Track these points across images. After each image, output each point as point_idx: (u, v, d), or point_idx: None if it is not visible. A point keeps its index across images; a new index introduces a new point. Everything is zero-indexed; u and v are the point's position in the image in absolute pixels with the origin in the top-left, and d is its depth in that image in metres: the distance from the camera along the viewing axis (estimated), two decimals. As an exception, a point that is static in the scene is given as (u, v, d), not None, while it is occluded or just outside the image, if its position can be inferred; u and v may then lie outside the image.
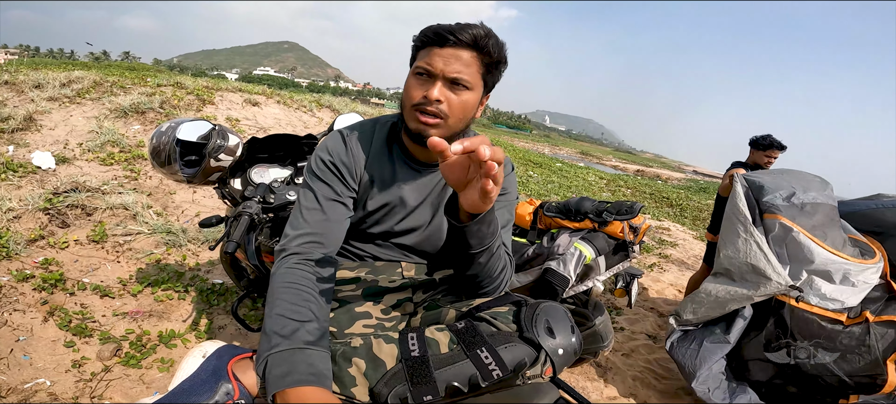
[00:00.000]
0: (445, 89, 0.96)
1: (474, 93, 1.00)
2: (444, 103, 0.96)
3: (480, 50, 0.97)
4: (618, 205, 2.14)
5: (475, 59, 0.97)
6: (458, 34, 0.94)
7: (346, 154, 1.06)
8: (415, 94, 0.98)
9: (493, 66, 1.00)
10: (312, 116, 6.87)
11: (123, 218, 3.04)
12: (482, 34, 0.95)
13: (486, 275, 0.99)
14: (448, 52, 0.95)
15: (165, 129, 1.57)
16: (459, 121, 1.00)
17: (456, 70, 0.95)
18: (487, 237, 0.91)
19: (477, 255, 0.93)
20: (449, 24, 0.96)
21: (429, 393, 0.82)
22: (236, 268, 1.94)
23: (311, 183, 1.05)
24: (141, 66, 17.64)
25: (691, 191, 14.90)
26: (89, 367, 1.78)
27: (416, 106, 0.98)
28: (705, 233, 3.50)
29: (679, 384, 2.50)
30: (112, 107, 4.98)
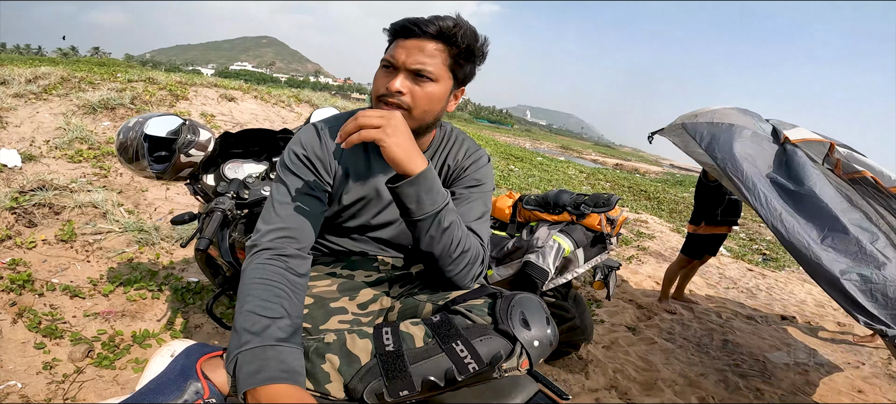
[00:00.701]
0: (408, 81, 0.96)
1: (440, 85, 0.99)
2: (407, 95, 0.96)
3: (447, 41, 0.96)
4: (595, 198, 2.16)
5: (441, 51, 0.96)
6: (423, 26, 0.94)
7: (320, 147, 1.05)
8: (379, 85, 0.98)
9: (462, 57, 0.99)
10: (291, 111, 6.78)
11: (93, 216, 2.96)
12: (450, 25, 0.95)
13: (443, 250, 0.97)
14: (412, 43, 0.95)
15: (133, 125, 1.53)
16: (425, 112, 0.99)
17: (418, 61, 0.94)
18: (427, 203, 0.92)
19: (420, 223, 0.93)
20: (418, 18, 0.95)
21: (405, 388, 0.81)
22: (211, 265, 1.91)
23: (283, 177, 1.03)
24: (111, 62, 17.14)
25: (668, 184, 15.18)
26: (61, 369, 1.75)
27: (381, 97, 0.97)
28: (687, 225, 3.57)
29: (658, 375, 2.55)
30: (80, 104, 4.84)
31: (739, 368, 2.81)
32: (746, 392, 2.53)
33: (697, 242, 3.48)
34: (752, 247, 6.83)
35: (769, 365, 2.88)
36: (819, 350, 3.28)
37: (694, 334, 3.23)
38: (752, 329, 3.49)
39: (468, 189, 1.12)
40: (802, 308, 4.23)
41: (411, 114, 0.98)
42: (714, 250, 3.54)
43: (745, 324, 3.56)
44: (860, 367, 3.06)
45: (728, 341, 3.19)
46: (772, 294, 4.54)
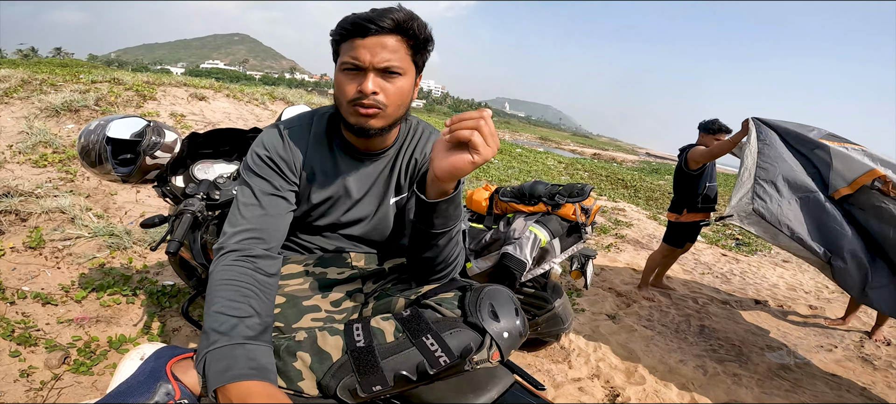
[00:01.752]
0: (379, 79, 0.95)
1: (407, 78, 0.99)
2: (381, 93, 0.95)
3: (405, 33, 0.95)
4: (569, 188, 2.18)
5: (401, 44, 0.96)
6: (378, 21, 0.92)
7: (284, 148, 1.04)
8: (348, 89, 0.96)
9: (420, 46, 0.99)
10: (265, 109, 6.66)
11: (61, 222, 2.87)
12: (404, 17, 0.94)
13: (442, 260, 1.00)
14: (372, 41, 0.93)
15: (94, 128, 1.48)
16: (398, 108, 1.00)
17: (385, 59, 0.93)
18: (451, 219, 0.93)
19: (438, 236, 0.95)
20: (367, 13, 0.94)
21: (377, 383, 0.81)
22: (186, 267, 1.88)
23: (248, 179, 1.02)
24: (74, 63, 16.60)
25: (644, 173, 15.43)
26: (38, 376, 1.74)
27: (353, 101, 0.96)
28: (668, 214, 3.63)
29: (639, 362, 2.59)
30: (43, 106, 4.68)
31: (716, 353, 2.87)
32: (724, 377, 2.58)
33: (679, 230, 3.54)
34: (726, 233, 6.99)
35: (745, 350, 2.95)
36: (792, 333, 3.38)
37: (672, 320, 3.29)
38: (727, 314, 3.57)
39: None
40: (775, 291, 4.35)
41: (386, 112, 0.97)
42: (694, 237, 3.61)
43: (720, 309, 3.64)
44: (833, 350, 3.14)
45: (705, 327, 3.25)
46: (745, 278, 4.65)
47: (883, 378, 2.82)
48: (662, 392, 2.34)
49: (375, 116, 0.97)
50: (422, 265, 1.03)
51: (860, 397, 2.55)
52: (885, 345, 3.28)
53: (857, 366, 2.95)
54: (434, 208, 0.91)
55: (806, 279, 4.89)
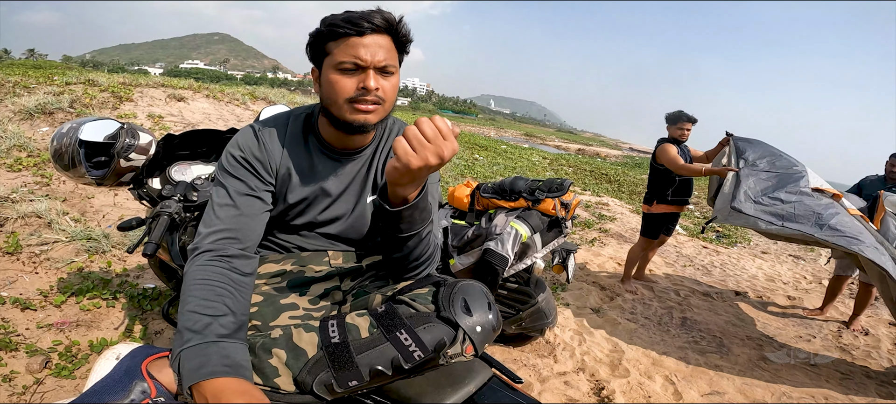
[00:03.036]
0: (378, 77, 0.97)
1: (397, 76, 1.03)
2: (380, 90, 0.98)
3: (395, 34, 0.99)
4: (549, 183, 2.20)
5: (392, 43, 1.00)
6: (373, 20, 0.95)
7: (259, 148, 1.04)
8: (347, 87, 0.97)
9: (403, 46, 1.03)
10: (246, 109, 6.59)
11: (38, 226, 2.82)
12: (393, 17, 0.98)
13: (414, 259, 1.00)
14: (370, 40, 0.95)
15: (67, 131, 1.46)
16: (392, 103, 1.04)
17: (383, 58, 0.97)
18: (417, 222, 0.93)
19: (406, 239, 0.95)
20: (359, 12, 0.96)
21: (353, 379, 0.82)
22: (166, 269, 1.86)
23: (223, 180, 1.02)
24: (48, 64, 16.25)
25: (628, 167, 15.61)
26: (20, 380, 1.72)
27: (353, 99, 0.97)
28: (642, 206, 3.69)
29: (623, 355, 2.63)
30: (16, 109, 4.58)
31: (698, 345, 2.92)
32: (706, 368, 2.62)
33: (652, 222, 3.59)
34: (707, 225, 7.11)
35: (726, 342, 3.00)
36: (771, 323, 3.44)
37: (655, 313, 3.34)
38: (708, 305, 3.63)
39: None
40: (754, 283, 4.43)
41: (383, 106, 1.01)
42: (668, 230, 3.67)
43: (701, 301, 3.70)
44: (812, 341, 3.20)
45: (687, 319, 3.31)
46: (725, 270, 4.73)
47: (861, 368, 2.88)
48: (646, 384, 2.37)
49: (374, 112, 0.99)
50: (394, 264, 1.04)
51: (838, 387, 2.60)
52: (864, 335, 3.36)
53: (836, 355, 3.01)
54: (398, 215, 0.91)
55: (784, 270, 5.00)
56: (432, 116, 0.81)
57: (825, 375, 2.72)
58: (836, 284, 3.67)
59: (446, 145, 0.80)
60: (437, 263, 1.07)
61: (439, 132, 0.80)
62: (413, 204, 0.89)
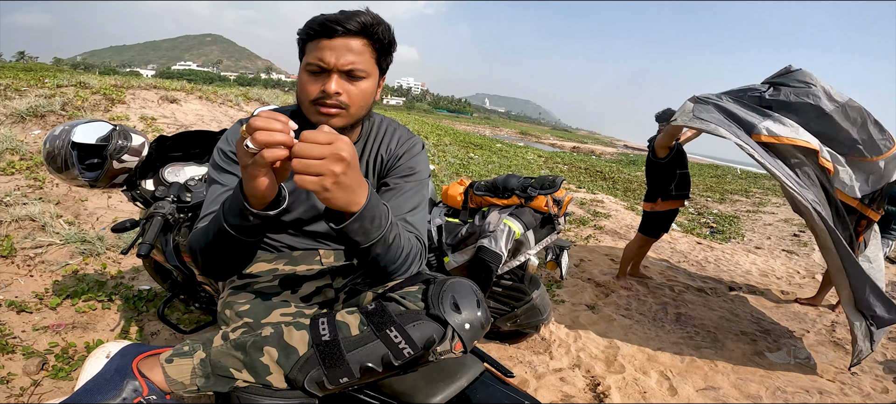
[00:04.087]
0: (343, 81, 0.96)
1: (371, 80, 1.01)
2: (344, 95, 0.96)
3: (371, 37, 0.97)
4: (541, 180, 2.21)
5: (366, 47, 0.97)
6: (345, 23, 0.93)
7: None
8: (311, 89, 0.97)
9: (384, 50, 1.01)
10: (239, 111, 6.57)
11: (32, 229, 2.82)
12: (370, 21, 0.95)
13: (389, 262, 0.96)
14: (338, 43, 0.94)
15: (59, 133, 1.46)
16: (361, 108, 1.01)
17: (350, 61, 0.95)
18: (373, 231, 0.88)
19: (370, 248, 0.91)
20: (335, 15, 0.95)
21: (344, 375, 0.83)
22: (160, 271, 1.86)
23: (215, 176, 1.04)
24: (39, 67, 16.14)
25: (622, 165, 15.67)
26: (17, 382, 1.73)
27: (316, 101, 0.97)
28: (643, 205, 3.70)
29: (619, 351, 2.64)
30: (7, 112, 4.56)
31: (693, 341, 2.94)
32: (701, 364, 2.64)
33: (655, 220, 3.60)
34: (701, 221, 7.15)
35: (720, 337, 3.02)
36: (765, 318, 3.46)
37: (650, 309, 3.35)
38: (702, 301, 3.66)
39: (403, 178, 1.12)
40: (748, 278, 4.46)
41: (348, 112, 0.99)
42: (668, 226, 3.68)
43: (696, 297, 3.72)
44: (805, 335, 3.22)
45: (681, 314, 3.32)
46: (719, 265, 4.76)
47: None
48: (642, 380, 2.39)
49: (337, 116, 0.98)
50: (370, 272, 1.01)
51: (834, 382, 2.62)
52: None
53: (829, 351, 3.02)
54: (344, 232, 0.86)
55: (777, 265, 5.03)
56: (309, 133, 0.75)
57: (820, 369, 2.75)
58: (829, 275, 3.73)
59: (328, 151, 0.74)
60: (421, 262, 1.06)
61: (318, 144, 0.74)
62: (358, 215, 0.83)
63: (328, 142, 0.75)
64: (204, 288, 1.61)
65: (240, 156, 0.77)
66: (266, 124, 0.72)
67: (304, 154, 0.73)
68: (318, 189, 0.75)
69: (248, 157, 0.75)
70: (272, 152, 0.73)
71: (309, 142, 0.74)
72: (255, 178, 0.77)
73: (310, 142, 0.74)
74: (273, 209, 0.84)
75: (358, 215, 0.83)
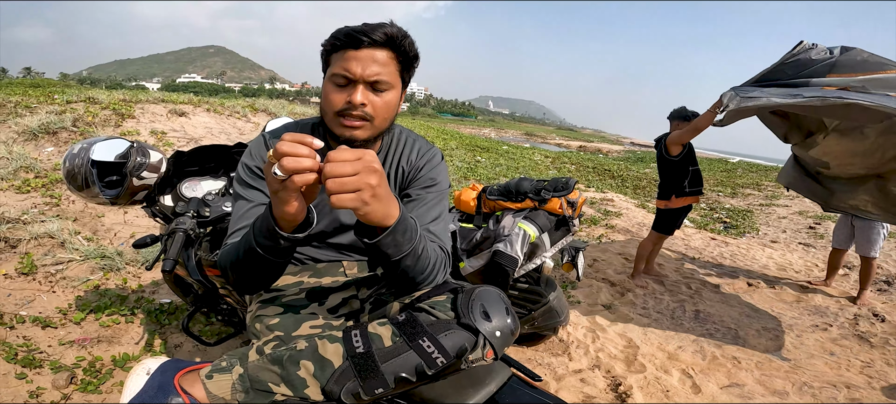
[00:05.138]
0: (368, 92, 0.97)
1: (395, 92, 1.01)
2: (369, 106, 0.97)
3: (396, 49, 0.98)
4: (554, 183, 2.21)
5: (392, 59, 0.98)
6: (371, 35, 0.94)
7: None
8: (336, 100, 0.97)
9: (408, 63, 1.02)
10: (247, 122, 6.61)
11: (51, 246, 2.86)
12: (396, 33, 0.96)
13: (417, 273, 0.97)
14: (364, 54, 0.95)
15: (78, 151, 1.47)
16: (385, 120, 1.02)
17: (375, 73, 0.95)
18: (405, 244, 0.89)
19: (400, 260, 0.92)
20: (360, 26, 0.96)
21: (379, 386, 0.84)
22: (181, 284, 1.87)
23: (241, 192, 1.05)
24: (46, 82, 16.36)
25: (630, 162, 15.59)
26: (47, 397, 1.75)
27: (341, 112, 0.97)
28: (656, 202, 3.69)
29: (638, 351, 2.61)
30: (20, 130, 4.61)
31: (713, 337, 2.90)
32: (723, 361, 2.61)
33: (669, 217, 3.59)
34: (714, 217, 7.08)
35: (741, 333, 2.98)
36: (786, 313, 3.41)
37: (667, 307, 3.33)
38: (720, 297, 3.62)
39: (424, 189, 1.13)
40: (765, 272, 4.41)
41: (372, 124, 0.99)
42: (680, 222, 3.67)
43: (713, 293, 3.68)
44: (828, 329, 3.17)
45: (700, 311, 3.29)
46: (735, 261, 4.71)
47: (881, 355, 2.84)
48: (663, 379, 2.36)
49: (362, 127, 0.98)
50: (398, 283, 1.02)
51: (860, 375, 2.57)
52: (881, 322, 3.32)
53: (854, 344, 2.97)
54: (376, 247, 0.87)
55: (795, 258, 4.97)
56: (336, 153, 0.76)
57: (845, 364, 2.70)
58: (834, 257, 3.86)
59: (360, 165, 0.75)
60: (447, 270, 1.07)
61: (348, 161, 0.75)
62: (392, 228, 0.85)
63: (357, 158, 0.75)
64: (225, 300, 1.62)
65: (269, 182, 0.77)
66: (292, 150, 0.72)
67: (336, 173, 0.74)
68: (358, 205, 0.76)
69: (277, 184, 0.75)
70: (302, 178, 0.73)
71: (337, 161, 0.74)
72: (286, 203, 0.78)
73: (339, 162, 0.74)
74: (303, 230, 0.85)
75: (392, 228, 0.84)
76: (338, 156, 0.74)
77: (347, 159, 0.74)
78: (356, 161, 0.75)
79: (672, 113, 3.54)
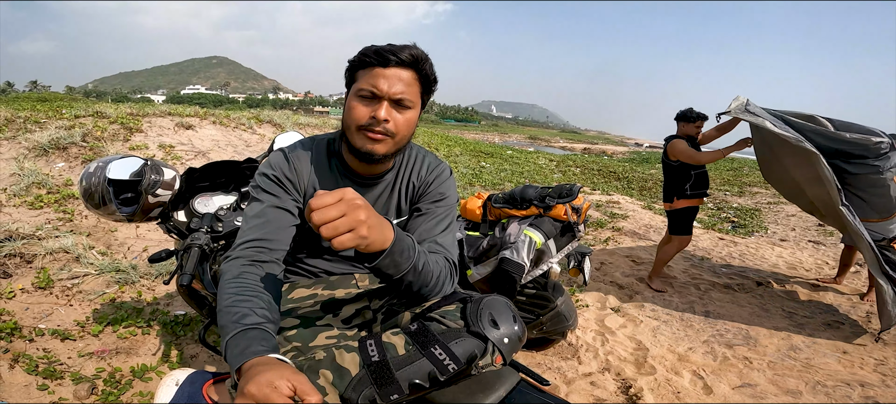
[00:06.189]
0: (391, 109, 1.01)
1: (415, 111, 1.06)
2: (391, 122, 1.01)
3: (419, 70, 1.03)
4: (558, 189, 2.23)
5: (415, 79, 1.03)
6: (399, 54, 0.99)
7: (289, 169, 1.11)
8: (361, 114, 1.01)
9: (428, 85, 1.07)
10: (253, 134, 6.67)
11: (66, 261, 2.91)
12: (420, 55, 1.02)
13: (421, 286, 1.00)
14: (391, 72, 1.00)
15: (94, 170, 1.51)
16: (404, 138, 1.06)
17: (400, 91, 1.00)
18: (404, 262, 0.92)
19: (402, 277, 0.95)
20: (389, 46, 1.00)
21: (394, 393, 0.88)
22: (195, 297, 1.89)
23: (256, 195, 1.09)
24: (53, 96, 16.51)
25: (635, 163, 15.53)
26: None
27: (364, 127, 1.01)
28: (664, 205, 3.73)
29: (648, 353, 2.62)
30: (30, 146, 4.68)
31: (724, 338, 2.90)
32: (735, 361, 2.61)
33: (681, 218, 3.61)
34: (721, 217, 7.05)
35: (752, 333, 2.97)
36: (798, 312, 3.39)
37: (676, 309, 3.32)
38: (730, 297, 3.61)
39: (433, 203, 1.18)
40: (776, 272, 4.39)
41: (393, 140, 1.04)
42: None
43: (723, 294, 3.68)
44: (840, 327, 3.16)
45: (710, 312, 3.29)
46: (745, 260, 4.69)
47: (894, 353, 2.82)
48: (674, 380, 2.36)
49: (383, 142, 1.03)
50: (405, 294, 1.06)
51: (874, 373, 2.56)
52: None
53: (867, 342, 2.95)
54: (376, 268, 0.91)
55: (805, 256, 4.94)
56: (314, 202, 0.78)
57: (859, 362, 2.69)
58: (845, 255, 3.89)
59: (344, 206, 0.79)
60: (453, 281, 1.10)
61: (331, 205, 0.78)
62: (388, 251, 0.88)
63: (338, 199, 0.79)
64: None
65: None
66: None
67: (325, 219, 0.77)
68: (358, 241, 0.80)
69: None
70: None
71: (321, 208, 0.77)
72: None
73: (323, 208, 0.77)
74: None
75: (389, 251, 0.88)
76: (319, 203, 0.78)
77: (329, 203, 0.78)
78: (338, 202, 0.78)
79: (678, 114, 3.59)
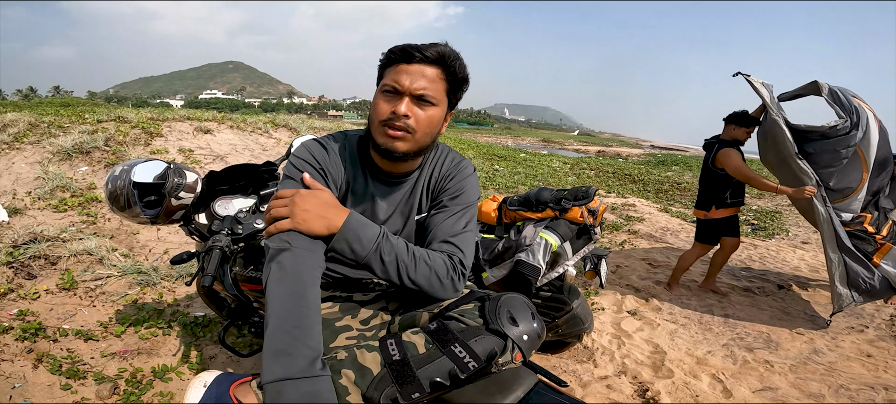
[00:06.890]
0: (412, 105, 1.01)
1: (440, 108, 1.05)
2: (412, 118, 1.01)
3: (446, 67, 1.02)
4: (574, 192, 2.22)
5: (441, 77, 1.02)
6: (424, 51, 0.99)
7: (328, 159, 1.09)
8: (383, 110, 1.02)
9: (457, 84, 1.06)
10: (269, 138, 6.75)
11: (90, 263, 2.98)
12: (448, 53, 1.01)
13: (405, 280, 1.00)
14: (415, 68, 1.00)
15: (119, 173, 1.55)
16: (426, 135, 1.05)
17: (422, 86, 1.00)
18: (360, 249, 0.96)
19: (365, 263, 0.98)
20: (416, 44, 1.01)
21: (416, 391, 0.89)
22: (215, 299, 1.93)
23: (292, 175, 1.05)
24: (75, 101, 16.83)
25: (651, 166, 15.36)
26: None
27: (385, 122, 1.01)
28: (696, 212, 3.59)
29: (666, 356, 2.59)
30: (54, 150, 4.80)
31: (744, 341, 2.85)
32: (755, 365, 2.56)
33: (711, 228, 3.49)
34: (741, 219, 6.94)
35: (773, 337, 2.92)
36: (820, 316, 3.32)
37: (694, 312, 3.28)
38: (750, 301, 3.55)
39: (452, 200, 1.16)
40: (797, 275, 4.30)
41: (414, 136, 1.03)
42: (733, 231, 3.51)
43: (743, 297, 3.62)
44: (864, 330, 3.09)
45: (729, 316, 3.24)
46: (765, 264, 4.61)
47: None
48: (692, 383, 2.33)
49: (402, 139, 1.02)
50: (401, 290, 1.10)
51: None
52: None
53: (891, 345, 2.89)
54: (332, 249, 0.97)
55: (826, 259, 4.83)
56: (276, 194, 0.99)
57: (883, 365, 2.63)
58: None
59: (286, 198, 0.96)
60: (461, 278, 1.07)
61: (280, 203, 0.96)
62: (337, 236, 0.95)
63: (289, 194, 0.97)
64: (259, 313, 1.67)
65: None
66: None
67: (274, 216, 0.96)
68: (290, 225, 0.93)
69: None
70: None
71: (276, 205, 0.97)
72: None
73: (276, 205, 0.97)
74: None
75: (337, 236, 0.94)
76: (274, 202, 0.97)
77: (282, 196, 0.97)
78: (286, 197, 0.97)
79: (731, 116, 3.37)
